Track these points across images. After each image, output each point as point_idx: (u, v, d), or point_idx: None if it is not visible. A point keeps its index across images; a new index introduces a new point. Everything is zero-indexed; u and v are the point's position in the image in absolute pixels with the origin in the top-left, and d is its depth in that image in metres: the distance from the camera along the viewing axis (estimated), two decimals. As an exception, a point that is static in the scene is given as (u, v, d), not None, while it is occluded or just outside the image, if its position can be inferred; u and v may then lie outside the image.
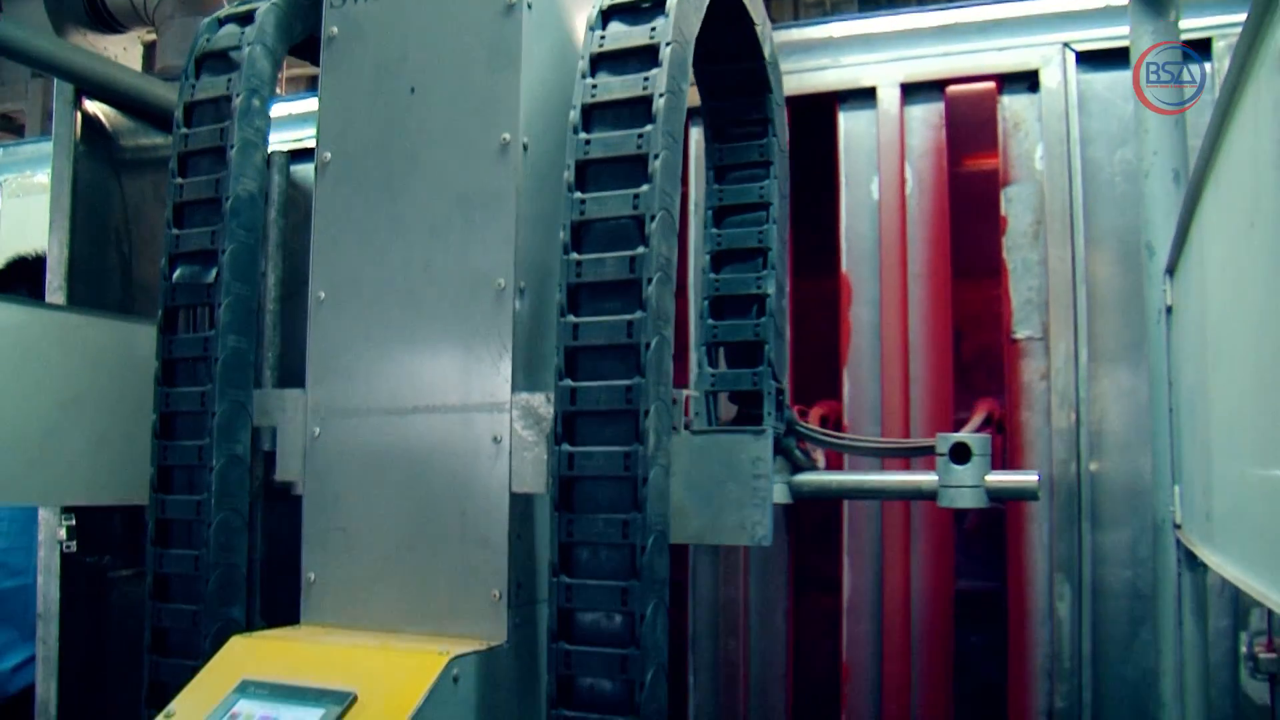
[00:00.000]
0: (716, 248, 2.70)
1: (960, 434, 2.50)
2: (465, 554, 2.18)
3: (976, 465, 2.47)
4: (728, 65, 2.71)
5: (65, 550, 3.25)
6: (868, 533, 3.03)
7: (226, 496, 2.41)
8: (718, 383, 2.66)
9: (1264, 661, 2.70)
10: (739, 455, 2.38)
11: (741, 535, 2.39)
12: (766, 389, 2.60)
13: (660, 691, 1.98)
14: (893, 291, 3.02)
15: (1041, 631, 2.85)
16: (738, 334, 2.65)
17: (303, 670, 2.06)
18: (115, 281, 3.37)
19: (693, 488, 2.38)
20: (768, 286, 2.62)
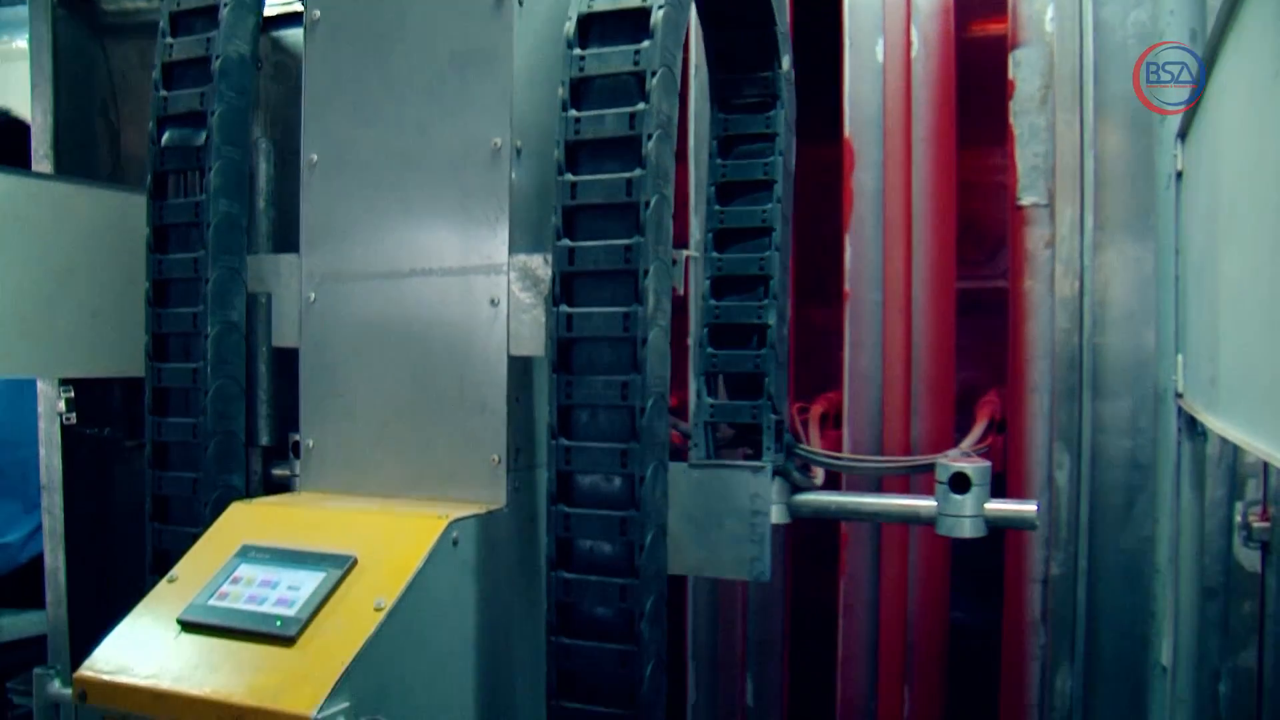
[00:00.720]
0: (717, 273, 2.64)
1: (960, 464, 2.50)
2: (464, 419, 2.17)
3: (975, 495, 2.48)
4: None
5: (65, 423, 3.26)
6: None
7: (223, 364, 2.39)
8: (717, 414, 2.61)
9: (1257, 530, 2.73)
10: (737, 490, 2.43)
11: (740, 570, 2.45)
12: (766, 423, 2.55)
13: (660, 553, 1.98)
14: (896, 157, 2.96)
15: (1040, 500, 2.86)
16: (737, 365, 2.59)
17: (303, 535, 2.06)
18: (103, 151, 3.31)
19: (691, 521, 2.44)
20: (769, 317, 2.56)
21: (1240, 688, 2.77)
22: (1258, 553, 2.75)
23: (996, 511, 2.49)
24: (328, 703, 1.70)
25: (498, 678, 2.13)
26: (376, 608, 1.84)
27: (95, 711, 1.88)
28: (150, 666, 1.86)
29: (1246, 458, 2.75)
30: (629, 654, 1.94)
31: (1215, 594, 2.76)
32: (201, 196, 2.37)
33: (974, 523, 2.47)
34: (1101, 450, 2.84)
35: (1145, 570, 2.74)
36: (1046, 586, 2.85)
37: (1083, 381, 2.82)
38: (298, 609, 1.87)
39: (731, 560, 2.44)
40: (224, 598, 1.95)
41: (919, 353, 2.96)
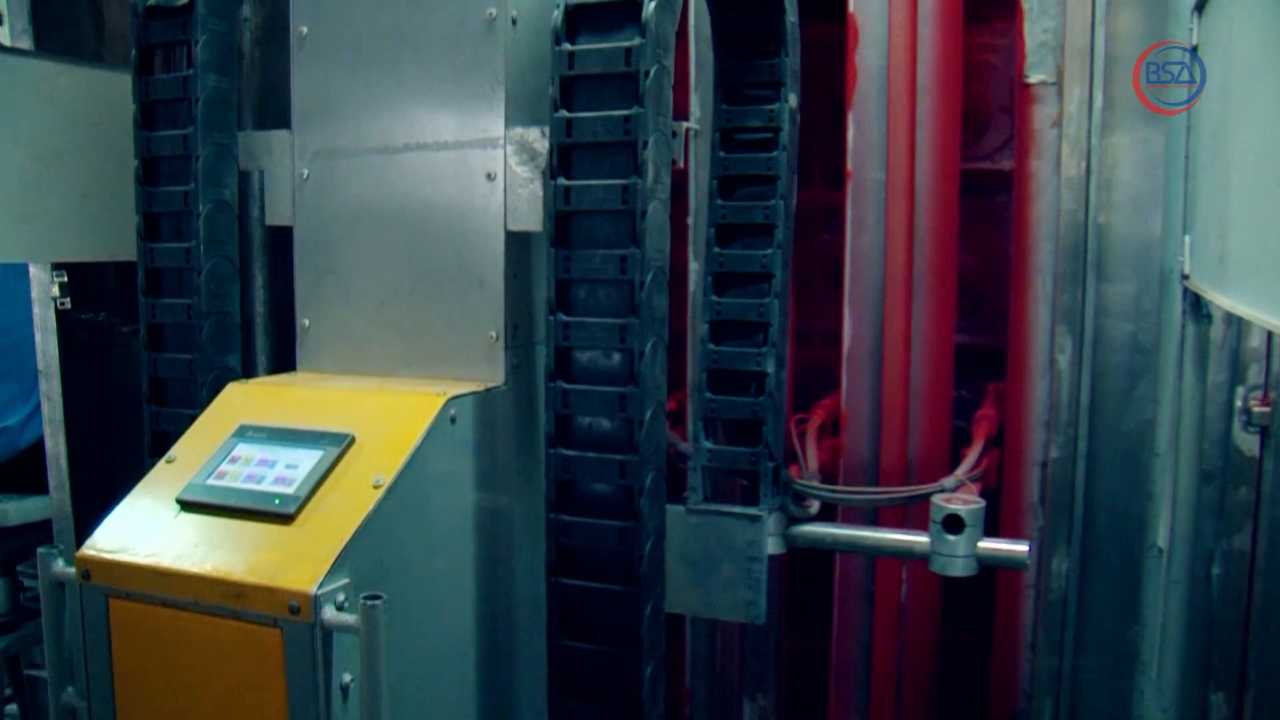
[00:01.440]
0: (716, 318, 2.60)
1: (954, 505, 2.51)
2: (461, 296, 2.14)
3: (969, 536, 2.51)
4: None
5: (60, 307, 3.23)
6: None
7: (215, 243, 2.36)
8: (714, 459, 2.61)
9: (1257, 415, 2.73)
10: (734, 537, 2.48)
11: (737, 613, 2.51)
12: (764, 470, 2.55)
13: (659, 430, 1.97)
14: (901, 32, 2.88)
15: (1041, 384, 2.86)
16: (736, 412, 2.58)
17: (300, 414, 2.05)
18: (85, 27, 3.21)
19: (688, 563, 2.49)
20: (767, 365, 2.54)
21: (1233, 570, 2.79)
22: (1256, 437, 2.76)
23: (989, 551, 2.54)
24: (327, 579, 1.71)
25: (497, 555, 2.15)
26: (375, 485, 1.84)
27: (99, 590, 1.89)
28: (151, 545, 1.87)
29: (1250, 342, 2.73)
30: (629, 530, 1.95)
31: (1213, 478, 2.77)
32: (189, 71, 2.31)
33: (966, 562, 2.54)
34: (1104, 333, 2.82)
35: (1144, 454, 2.74)
36: (1045, 470, 2.85)
37: (1087, 264, 2.79)
38: (296, 487, 1.87)
39: (728, 603, 2.52)
40: (222, 477, 1.95)
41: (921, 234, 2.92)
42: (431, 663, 1.98)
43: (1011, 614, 2.96)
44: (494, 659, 2.15)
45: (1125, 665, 2.77)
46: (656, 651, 2.04)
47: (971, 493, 2.66)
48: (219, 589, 1.78)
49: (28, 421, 3.52)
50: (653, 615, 2.00)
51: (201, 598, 1.79)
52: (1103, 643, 2.88)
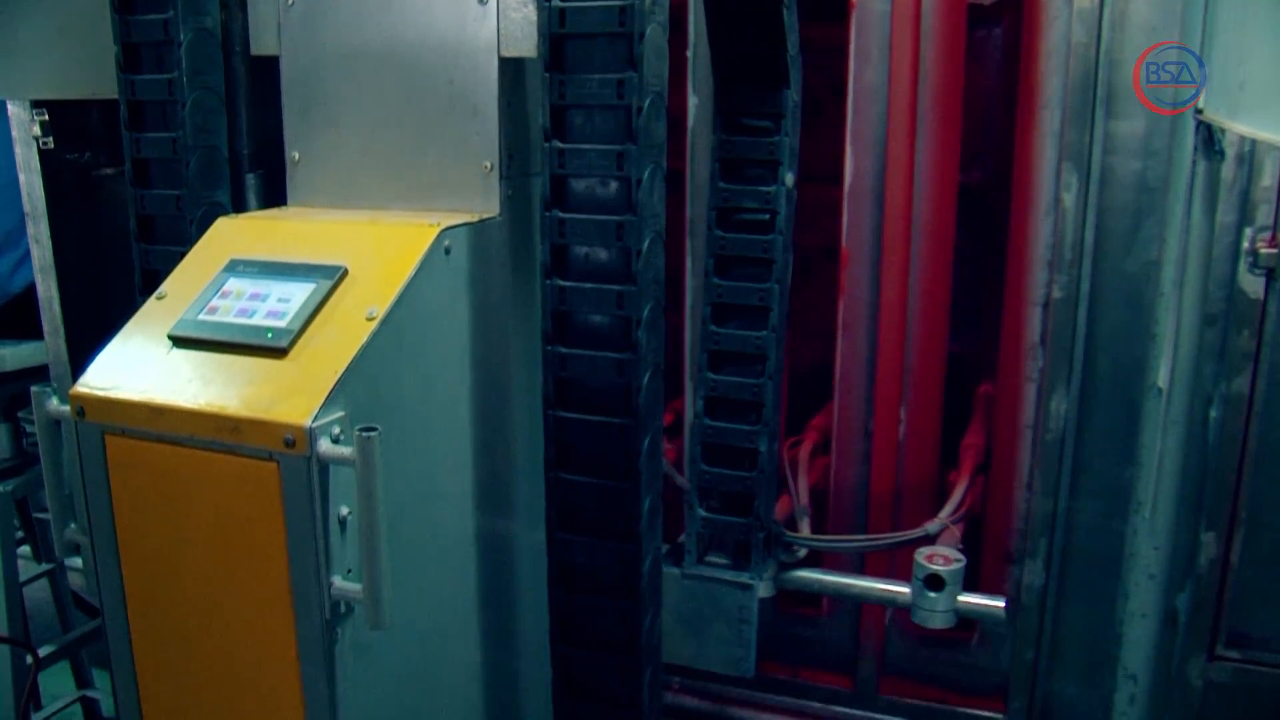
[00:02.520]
0: (711, 393, 2.67)
1: (935, 565, 2.64)
2: (454, 125, 2.08)
3: (949, 593, 2.64)
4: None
5: (43, 147, 3.16)
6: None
7: (199, 74, 2.28)
8: (709, 527, 2.73)
9: (1264, 256, 2.69)
10: (726, 601, 2.62)
11: (728, 667, 2.70)
12: (755, 542, 2.67)
13: (657, 259, 1.94)
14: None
15: (1045, 223, 2.81)
16: (729, 485, 2.70)
17: (292, 247, 2.01)
18: None
19: (682, 621, 2.65)
20: (760, 444, 2.62)
21: (1231, 412, 2.79)
22: (1262, 280, 2.72)
23: (968, 605, 2.68)
24: (322, 412, 1.69)
25: (493, 388, 2.13)
26: (369, 317, 1.81)
27: (94, 428, 1.88)
28: (144, 382, 1.85)
29: (1261, 182, 2.68)
30: (626, 361, 1.93)
31: (1215, 321, 2.75)
32: (163, -114, 2.21)
33: (945, 616, 2.67)
34: (1111, 171, 2.75)
35: (1147, 294, 2.72)
36: (1047, 310, 2.83)
37: (1096, 99, 2.71)
38: (289, 321, 1.84)
39: (719, 658, 2.70)
40: (214, 312, 1.92)
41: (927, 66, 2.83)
42: (429, 495, 1.98)
43: (1008, 455, 2.97)
44: (492, 492, 2.16)
45: (1120, 506, 2.81)
46: (654, 484, 2.05)
47: (954, 537, 2.80)
48: (213, 424, 1.76)
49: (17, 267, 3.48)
50: (650, 448, 2.00)
51: (196, 433, 1.77)
52: (1098, 484, 2.90)
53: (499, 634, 2.24)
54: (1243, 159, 2.64)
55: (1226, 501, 2.81)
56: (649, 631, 2.10)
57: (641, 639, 2.07)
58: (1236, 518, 2.83)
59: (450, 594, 2.09)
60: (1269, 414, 2.78)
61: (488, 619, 2.19)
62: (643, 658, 2.08)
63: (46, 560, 3.68)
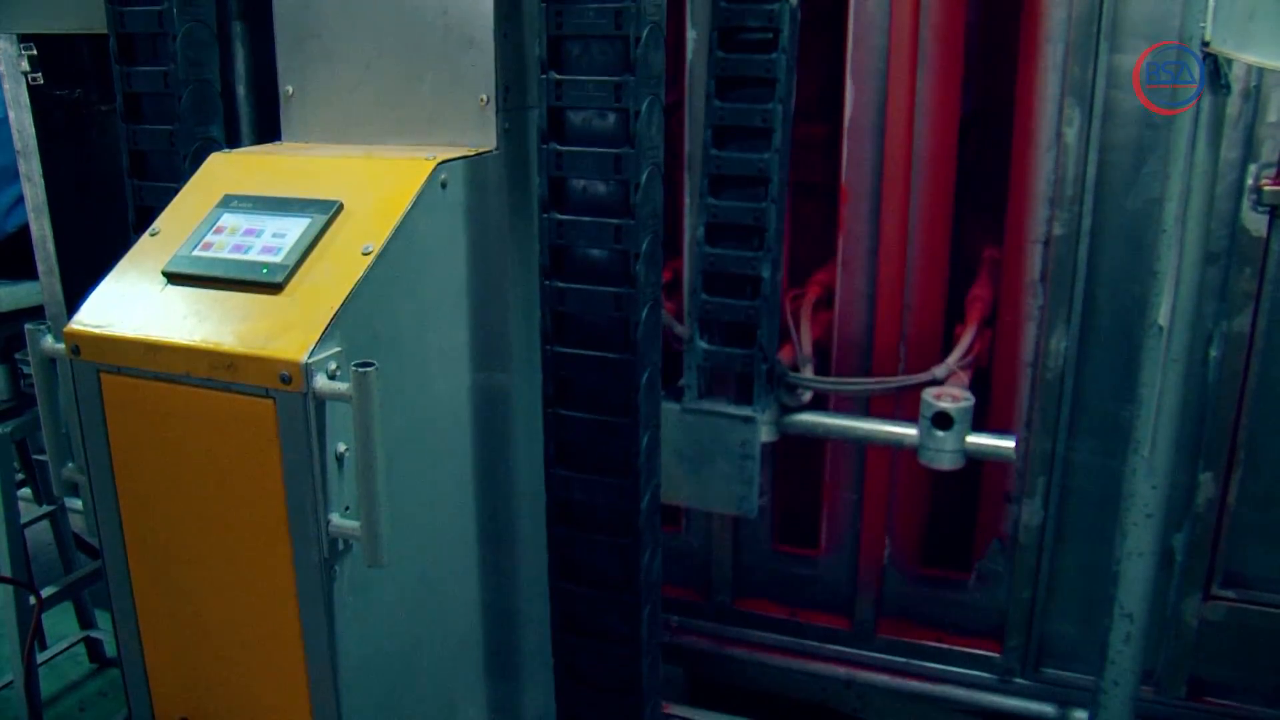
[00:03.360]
0: (713, 220, 2.57)
1: (943, 402, 2.58)
2: (450, 57, 2.05)
3: (957, 432, 2.59)
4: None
5: (32, 83, 3.11)
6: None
7: (189, 6, 2.26)
8: (710, 359, 2.63)
9: (1268, 194, 2.67)
10: (728, 435, 2.54)
11: (729, 505, 2.61)
12: (758, 372, 2.58)
13: (655, 193, 1.92)
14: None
15: (1046, 158, 2.77)
16: (731, 314, 2.59)
17: (286, 183, 1.99)
18: None
19: (683, 459, 2.56)
20: (763, 270, 2.52)
21: (1231, 352, 2.78)
22: (1265, 217, 2.70)
23: (976, 445, 2.62)
24: (318, 348, 1.68)
25: (491, 323, 2.12)
26: (364, 252, 1.79)
27: (90, 366, 1.87)
28: (138, 319, 1.84)
29: (1266, 118, 2.65)
30: (624, 295, 1.92)
31: (1217, 258, 2.73)
32: None
33: (953, 456, 2.62)
34: (1114, 106, 2.71)
35: (1149, 232, 2.69)
36: (1047, 247, 2.80)
37: (1100, 31, 2.66)
38: (283, 256, 1.83)
39: (722, 496, 2.60)
40: (208, 248, 1.90)
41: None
42: (427, 431, 1.97)
43: (1008, 394, 2.96)
44: (490, 427, 2.16)
45: (1118, 445, 2.79)
46: (653, 420, 2.04)
47: (961, 382, 2.73)
48: (209, 361, 1.75)
49: (12, 208, 3.44)
50: (648, 383, 1.99)
51: (192, 370, 1.77)
52: (1097, 423, 2.90)
53: (498, 571, 2.24)
54: (1248, 94, 2.60)
55: (1225, 441, 2.81)
56: (648, 568, 2.10)
57: (640, 575, 2.07)
58: (1234, 458, 2.83)
59: (449, 531, 2.10)
60: (1269, 353, 2.77)
61: (486, 556, 2.19)
62: (641, 595, 2.09)
63: (47, 502, 3.69)
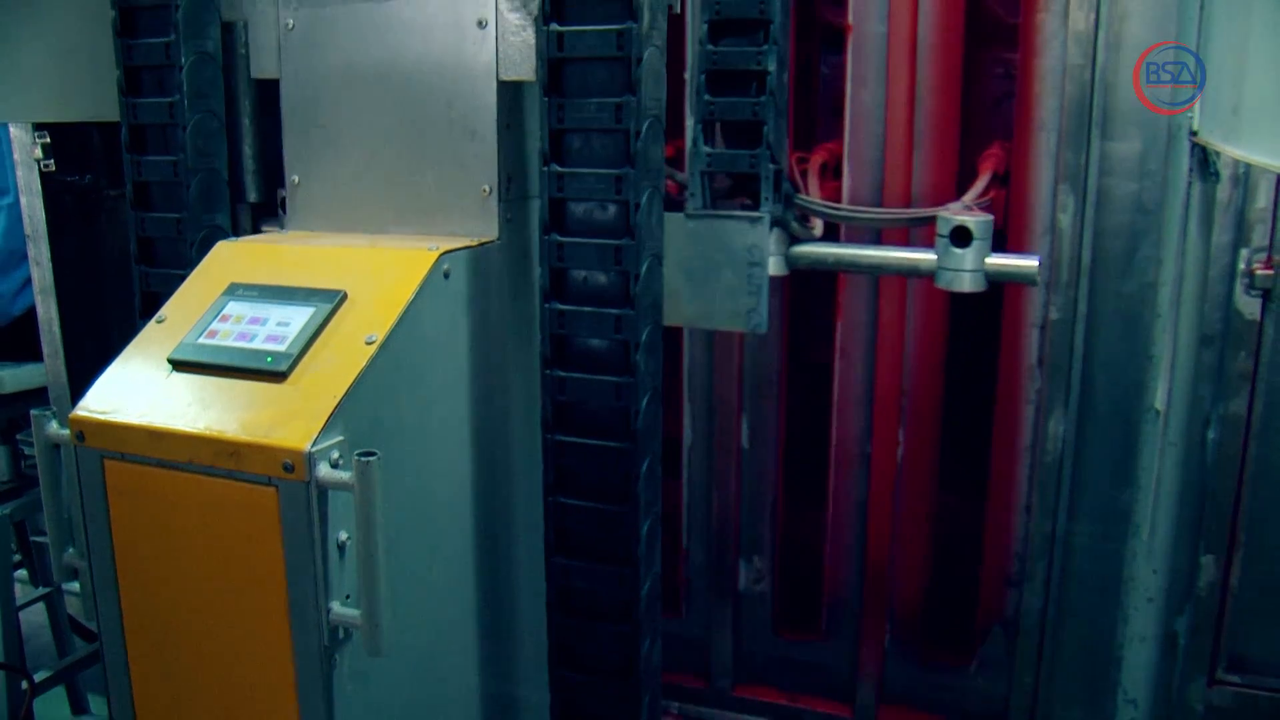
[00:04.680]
0: (716, 16, 2.42)
1: (961, 216, 2.40)
2: (453, 148, 2.09)
3: (977, 249, 2.40)
4: None
5: (45, 169, 3.17)
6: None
7: (200, 97, 2.30)
8: (714, 163, 2.46)
9: (1260, 278, 2.70)
10: (734, 241, 2.34)
11: (737, 321, 2.39)
12: (764, 172, 2.42)
13: (655, 284, 1.95)
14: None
15: (1042, 243, 2.81)
16: (736, 113, 2.42)
17: (291, 272, 2.02)
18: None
19: (687, 272, 2.36)
20: (769, 63, 2.39)
21: (1228, 435, 2.79)
22: (1258, 301, 2.73)
23: (997, 266, 2.43)
24: (321, 437, 1.69)
25: (492, 412, 2.13)
26: (368, 342, 1.81)
27: (94, 452, 1.88)
28: (143, 406, 1.85)
29: (1256, 203, 2.69)
30: (624, 385, 1.93)
31: (1212, 341, 2.75)
32: (165, -85, 2.22)
33: (974, 277, 2.44)
34: (1107, 193, 2.76)
35: (1144, 316, 2.72)
36: (1044, 331, 2.83)
37: (1092, 120, 2.71)
38: (288, 345, 1.85)
39: (728, 312, 2.39)
40: (214, 336, 1.92)
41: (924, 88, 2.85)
42: (428, 520, 1.98)
43: (1007, 477, 2.97)
44: (491, 516, 2.16)
45: (1118, 528, 2.80)
46: (653, 508, 2.05)
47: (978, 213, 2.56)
48: (212, 448, 1.76)
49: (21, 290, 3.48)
50: (649, 471, 2.00)
51: (195, 458, 1.77)
52: (1097, 506, 2.89)
53: (497, 658, 2.23)
54: (1238, 180, 2.65)
55: (1225, 524, 2.81)
56: (647, 656, 2.09)
57: (640, 664, 2.06)
58: (1235, 540, 2.83)
59: (449, 620, 2.09)
60: (1267, 435, 2.78)
61: (486, 644, 2.18)
62: (641, 683, 2.08)
63: (43, 584, 3.68)
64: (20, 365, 3.50)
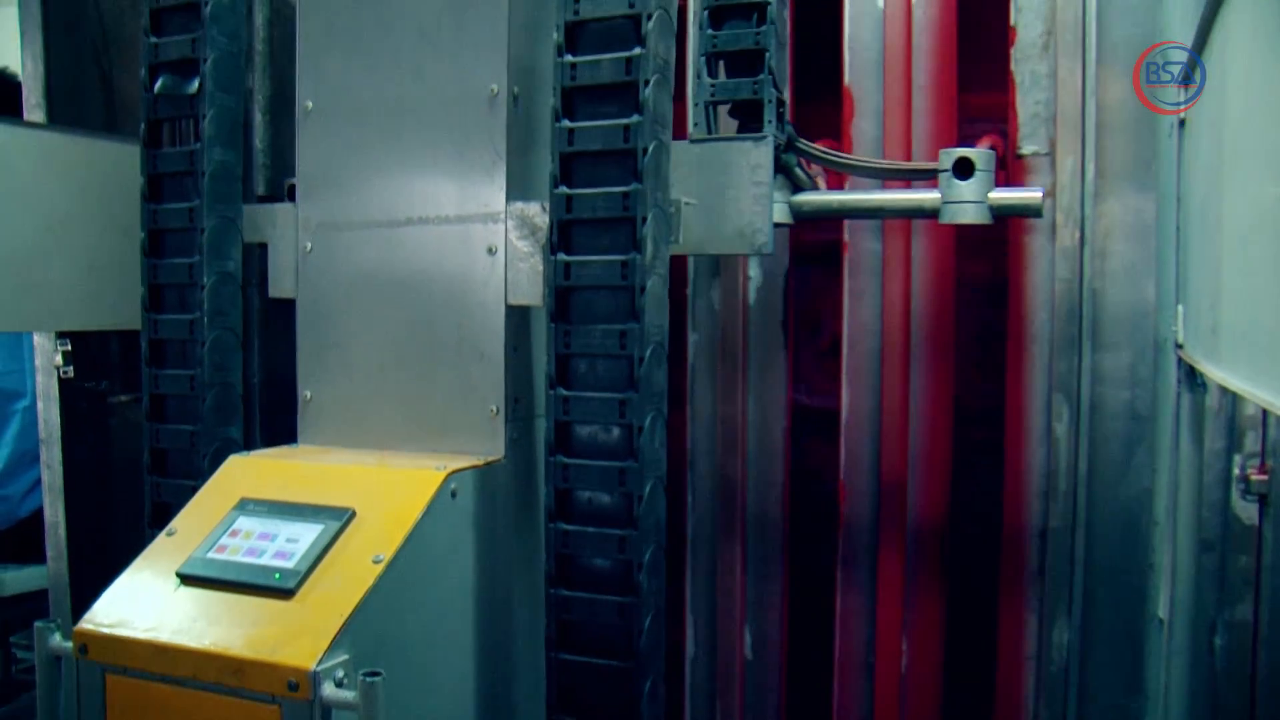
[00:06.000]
0: None
1: (963, 149, 2.44)
2: (462, 369, 2.16)
3: (980, 180, 2.42)
4: None
5: (63, 376, 3.25)
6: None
7: (219, 315, 2.39)
8: (717, 92, 2.51)
9: (1255, 483, 2.71)
10: (739, 162, 2.35)
11: (742, 243, 2.39)
12: (768, 97, 2.46)
13: (659, 504, 1.98)
14: (896, 103, 2.92)
15: (1039, 452, 2.85)
16: (738, 42, 2.48)
17: (301, 488, 2.06)
18: (96, 99, 3.26)
19: (693, 196, 2.36)
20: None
21: (1236, 640, 2.76)
22: (1255, 506, 2.74)
23: (1001, 199, 2.46)
24: (327, 656, 1.71)
25: (497, 630, 2.14)
26: (375, 561, 1.84)
27: (96, 666, 1.89)
28: (149, 620, 1.87)
29: (1246, 410, 2.73)
30: (628, 605, 1.95)
31: (1212, 546, 2.75)
32: (196, 145, 2.36)
33: (978, 209, 2.44)
34: (1101, 401, 2.82)
35: (1143, 523, 2.74)
36: (1044, 539, 2.84)
37: (1082, 332, 2.79)
38: (296, 562, 1.88)
39: (733, 233, 2.38)
40: (223, 551, 1.95)
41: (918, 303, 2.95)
42: (430, 738, 1.97)
43: (1012, 687, 2.93)
44: (493, 733, 2.14)
45: (1129, 738, 2.75)
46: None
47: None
48: (217, 665, 1.77)
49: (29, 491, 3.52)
50: (651, 691, 1.99)
51: (200, 674, 1.78)
52: (1105, 715, 2.85)
53: None
54: (1226, 388, 2.70)
55: (1238, 733, 2.76)
56: None
57: None
58: (1249, 749, 2.78)
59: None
60: (1275, 640, 2.75)
61: None
62: None
63: (34, 795, 3.59)
64: (22, 567, 3.51)
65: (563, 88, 1.99)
